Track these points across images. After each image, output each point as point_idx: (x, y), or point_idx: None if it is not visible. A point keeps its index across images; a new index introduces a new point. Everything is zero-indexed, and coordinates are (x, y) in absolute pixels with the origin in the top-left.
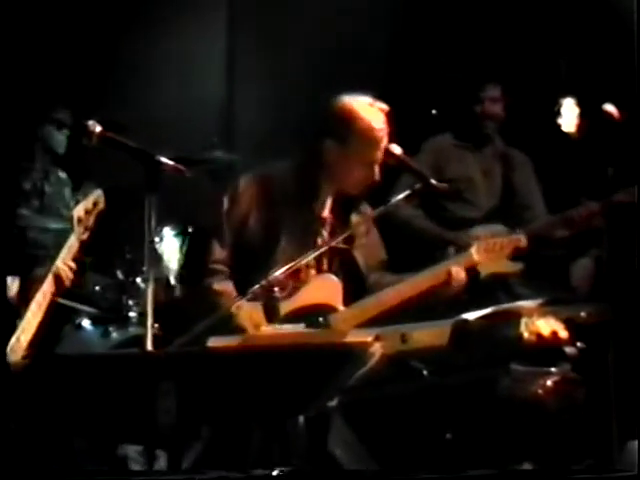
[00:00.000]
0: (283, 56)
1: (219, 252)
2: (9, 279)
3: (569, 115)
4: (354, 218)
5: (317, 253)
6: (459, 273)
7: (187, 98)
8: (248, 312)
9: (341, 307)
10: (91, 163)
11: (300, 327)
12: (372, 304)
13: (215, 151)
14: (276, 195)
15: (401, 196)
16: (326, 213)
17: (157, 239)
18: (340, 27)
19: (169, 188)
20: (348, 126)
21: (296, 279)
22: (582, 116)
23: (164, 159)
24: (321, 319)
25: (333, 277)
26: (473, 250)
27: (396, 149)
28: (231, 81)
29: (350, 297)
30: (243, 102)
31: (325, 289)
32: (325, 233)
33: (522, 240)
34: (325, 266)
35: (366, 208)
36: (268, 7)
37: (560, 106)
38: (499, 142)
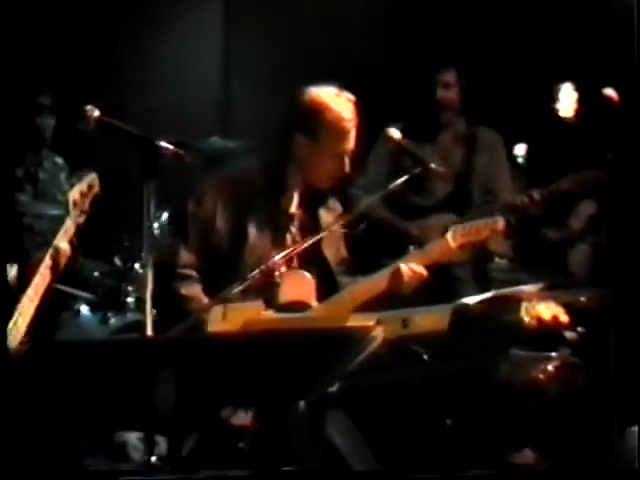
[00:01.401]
0: (280, 42)
1: (186, 256)
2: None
3: (567, 100)
4: (322, 213)
5: (316, 239)
6: (413, 270)
7: (184, 85)
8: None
9: (315, 303)
10: (88, 148)
11: None
12: (346, 299)
13: (212, 137)
14: (242, 194)
15: (400, 180)
16: (294, 209)
17: (155, 225)
18: (337, 22)
19: (167, 173)
20: (317, 119)
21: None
22: (580, 101)
23: (164, 144)
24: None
25: (305, 273)
26: (449, 236)
27: (395, 133)
28: (228, 67)
29: (322, 292)
30: (241, 88)
31: (298, 286)
32: (294, 229)
33: (499, 223)
34: (295, 262)
35: (335, 203)
36: None
37: (558, 91)
38: (461, 125)
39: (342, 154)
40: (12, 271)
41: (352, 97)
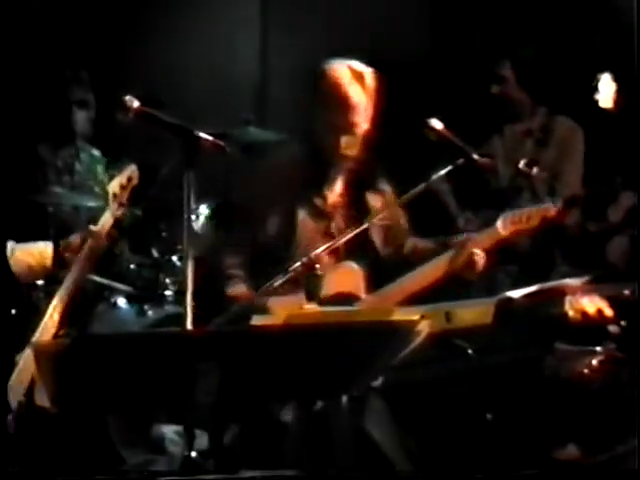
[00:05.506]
0: (317, 31)
1: (233, 256)
2: (41, 244)
3: (606, 90)
4: (370, 197)
5: (359, 230)
6: (480, 255)
7: (220, 74)
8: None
9: (364, 295)
10: (125, 140)
11: None
12: (395, 291)
13: (249, 127)
14: (287, 182)
15: (443, 172)
16: (338, 196)
17: (193, 217)
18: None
19: (204, 164)
20: (318, 87)
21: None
22: (619, 91)
23: (203, 134)
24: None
25: (353, 265)
26: (499, 224)
27: (437, 124)
28: (265, 57)
29: (370, 281)
30: (277, 78)
31: (346, 278)
32: (339, 218)
33: (551, 209)
34: (341, 252)
35: (384, 185)
36: None
37: (597, 81)
38: (539, 115)
39: (339, 127)
40: (48, 249)
41: (366, 70)
